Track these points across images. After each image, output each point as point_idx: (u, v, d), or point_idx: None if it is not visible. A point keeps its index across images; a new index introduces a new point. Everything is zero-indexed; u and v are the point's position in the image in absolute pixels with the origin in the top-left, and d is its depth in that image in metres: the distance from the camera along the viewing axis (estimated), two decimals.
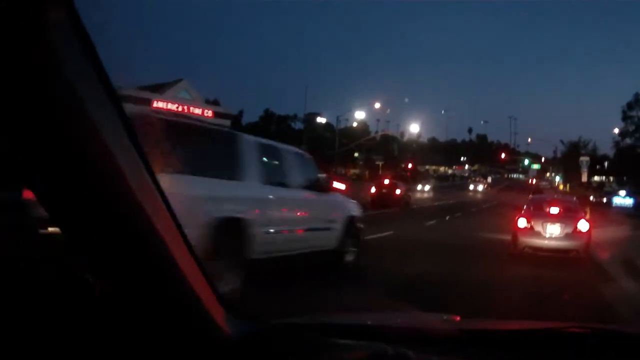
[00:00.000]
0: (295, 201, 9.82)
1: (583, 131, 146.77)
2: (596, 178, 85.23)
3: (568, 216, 15.04)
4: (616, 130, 77.06)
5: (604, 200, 50.20)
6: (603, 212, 33.21)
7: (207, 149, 7.98)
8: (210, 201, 7.25)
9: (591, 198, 49.00)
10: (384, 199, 34.50)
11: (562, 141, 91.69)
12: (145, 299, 1.49)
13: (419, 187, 41.89)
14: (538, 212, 15.53)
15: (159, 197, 1.47)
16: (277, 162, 9.65)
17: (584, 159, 49.13)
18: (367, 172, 75.48)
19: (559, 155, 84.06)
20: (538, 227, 14.57)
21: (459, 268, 12.47)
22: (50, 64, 1.16)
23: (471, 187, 79.67)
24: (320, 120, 72.29)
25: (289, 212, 9.63)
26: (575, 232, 14.41)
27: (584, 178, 50.19)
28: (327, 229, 10.51)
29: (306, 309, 4.49)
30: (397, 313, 3.51)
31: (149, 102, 35.63)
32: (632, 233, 21.61)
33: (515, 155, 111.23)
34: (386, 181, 38.56)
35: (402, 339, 1.93)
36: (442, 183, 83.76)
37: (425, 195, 48.77)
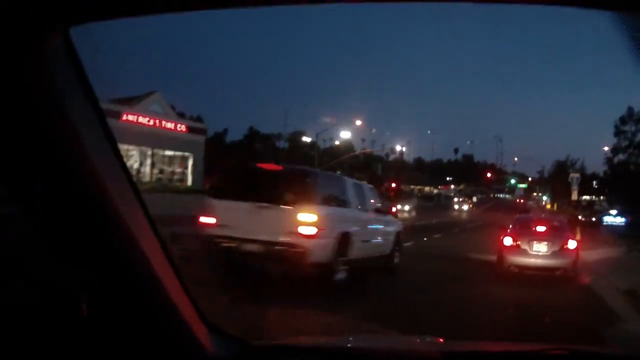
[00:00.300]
0: (372, 220, 13.61)
1: (570, 151, 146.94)
2: (585, 197, 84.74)
3: (555, 234, 14.78)
4: (606, 148, 73.23)
5: (593, 219, 48.40)
6: (593, 232, 32.06)
7: (334, 189, 12.30)
8: (337, 221, 11.12)
9: (579, 217, 47.99)
10: None
11: (543, 168, 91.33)
12: (130, 317, 1.54)
13: (399, 206, 41.50)
14: (524, 231, 15.26)
15: (146, 219, 1.54)
16: (361, 194, 13.50)
17: (574, 175, 46.05)
18: None
19: (545, 174, 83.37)
20: (524, 245, 14.28)
21: (436, 292, 11.96)
22: (43, 86, 1.27)
23: (456, 207, 79.23)
24: (306, 139, 72.42)
25: (369, 228, 13.30)
26: (563, 250, 14.13)
27: (574, 196, 46.66)
28: (387, 239, 14.21)
29: (289, 330, 4.70)
30: (379, 335, 3.58)
31: (118, 114, 34.13)
32: (623, 254, 21.22)
33: (501, 175, 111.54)
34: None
35: None
36: (427, 203, 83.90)
37: (406, 215, 47.62)
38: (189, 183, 42.22)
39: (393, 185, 70.53)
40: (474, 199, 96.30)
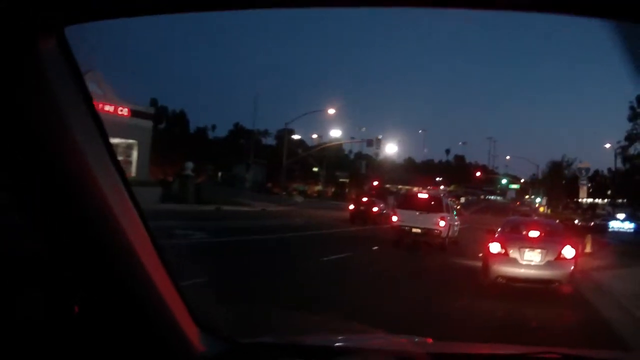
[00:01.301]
0: (454, 218, 25.48)
1: (566, 153, 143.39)
2: (586, 199, 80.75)
3: (550, 241, 13.04)
4: (608, 145, 59.14)
5: (591, 224, 42.96)
6: (597, 240, 27.26)
7: (447, 203, 25.88)
8: (449, 219, 23.35)
9: (576, 222, 42.89)
10: (361, 216, 36.21)
11: (537, 167, 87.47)
12: (120, 316, 1.62)
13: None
14: (514, 236, 13.55)
15: (139, 218, 1.62)
16: (451, 205, 26.94)
17: (584, 166, 37.56)
18: (332, 190, 75.44)
19: (539, 176, 79.76)
20: (514, 253, 12.57)
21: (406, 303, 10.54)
22: (39, 86, 1.34)
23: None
24: (295, 137, 72.56)
25: (455, 221, 25.43)
26: (559, 260, 12.42)
27: (583, 194, 38.95)
28: (456, 227, 25.61)
29: (279, 328, 4.80)
30: (367, 335, 3.59)
31: None
32: (633, 265, 18.56)
33: (492, 175, 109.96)
34: (364, 199, 41.25)
35: None
36: None
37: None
38: (133, 174, 38.02)
39: (375, 183, 70.44)
40: (462, 200, 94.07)
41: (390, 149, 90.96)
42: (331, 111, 50.26)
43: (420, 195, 25.49)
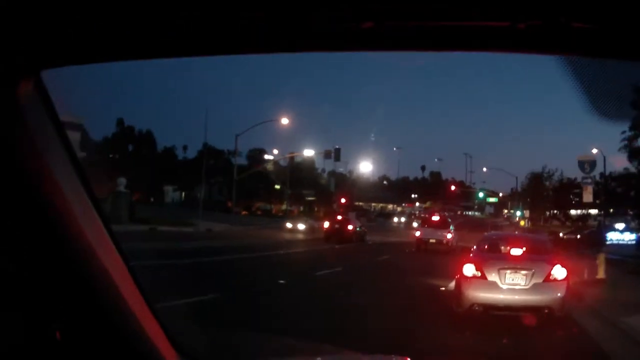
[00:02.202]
0: (454, 232, 38.03)
1: (546, 164, 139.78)
2: (572, 212, 77.17)
3: (536, 259, 10.82)
4: (595, 151, 43.67)
5: (577, 236, 37.88)
6: (592, 254, 21.70)
7: (450, 220, 44.10)
8: (453, 232, 37.59)
9: (561, 235, 39.02)
10: (336, 234, 37.25)
11: (516, 179, 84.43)
12: (101, 343, 1.66)
13: (288, 225, 39.95)
14: (493, 255, 11.37)
15: (114, 248, 1.69)
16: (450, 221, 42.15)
17: (586, 158, 29.30)
18: (299, 208, 73.93)
19: (519, 189, 77.30)
20: (493, 276, 10.36)
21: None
22: (15, 129, 1.39)
23: (415, 224, 76.04)
24: (268, 157, 71.78)
25: (455, 234, 38.00)
26: (548, 282, 10.23)
27: (588, 197, 31.04)
28: (456, 239, 36.73)
29: (257, 354, 5.34)
30: (345, 355, 3.77)
31: None
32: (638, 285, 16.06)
33: (467, 189, 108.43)
34: (339, 217, 42.46)
35: None
36: (387, 220, 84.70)
37: (301, 234, 43.67)
38: None
39: (342, 200, 69.22)
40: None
41: (365, 167, 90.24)
42: (285, 121, 47.76)
43: (433, 218, 38.63)
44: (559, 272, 10.31)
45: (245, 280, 15.51)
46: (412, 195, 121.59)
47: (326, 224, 40.41)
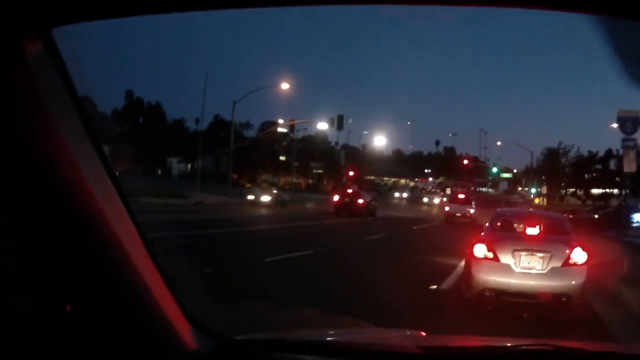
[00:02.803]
0: (474, 206, 45.14)
1: (563, 139, 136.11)
2: (593, 190, 74.15)
3: (555, 240, 9.93)
4: (615, 125, 39.56)
5: (595, 216, 34.42)
6: (614, 237, 20.30)
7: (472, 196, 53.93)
8: (475, 207, 43.88)
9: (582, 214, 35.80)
10: (346, 208, 37.43)
11: (532, 154, 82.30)
12: (114, 315, 1.64)
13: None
14: (506, 235, 10.47)
15: (127, 215, 1.66)
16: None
17: (628, 114, 24.43)
18: (308, 181, 74.43)
19: (534, 165, 75.20)
20: (506, 259, 9.48)
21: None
22: (26, 90, 1.33)
23: (425, 199, 74.91)
24: (281, 129, 70.44)
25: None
26: (568, 267, 9.30)
27: (630, 166, 25.74)
28: (476, 213, 40.19)
29: (270, 325, 5.22)
30: (358, 329, 3.75)
31: None
32: None
33: (481, 163, 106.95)
34: (349, 190, 43.41)
35: (364, 355, 2.13)
36: (400, 194, 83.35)
37: (265, 209, 40.73)
38: None
39: (351, 173, 68.63)
40: (447, 191, 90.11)
41: (379, 141, 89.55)
42: (285, 86, 47.23)
43: (459, 196, 46.76)
44: (579, 255, 9.41)
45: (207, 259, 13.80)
46: (426, 170, 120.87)
47: (336, 197, 40.48)
